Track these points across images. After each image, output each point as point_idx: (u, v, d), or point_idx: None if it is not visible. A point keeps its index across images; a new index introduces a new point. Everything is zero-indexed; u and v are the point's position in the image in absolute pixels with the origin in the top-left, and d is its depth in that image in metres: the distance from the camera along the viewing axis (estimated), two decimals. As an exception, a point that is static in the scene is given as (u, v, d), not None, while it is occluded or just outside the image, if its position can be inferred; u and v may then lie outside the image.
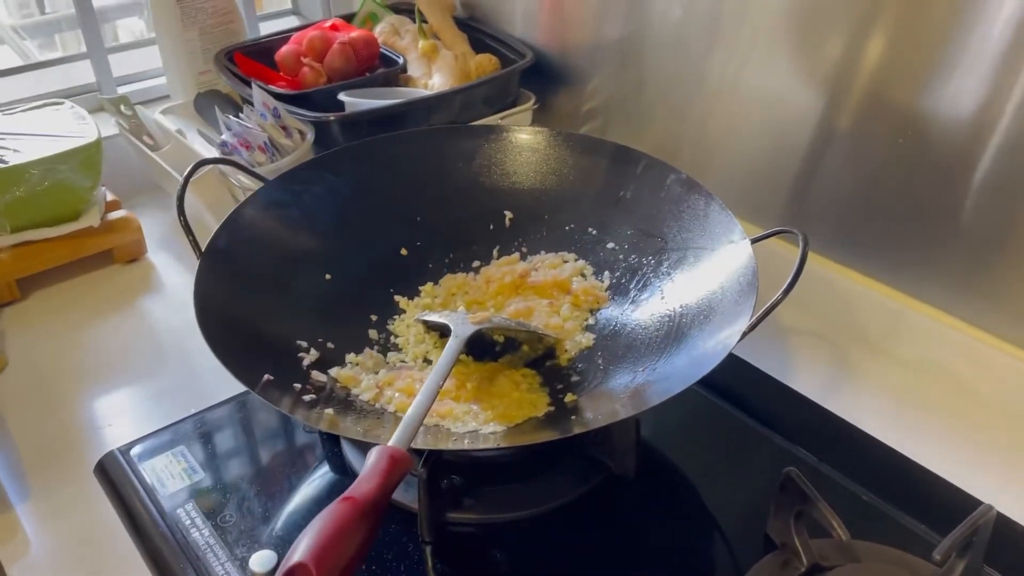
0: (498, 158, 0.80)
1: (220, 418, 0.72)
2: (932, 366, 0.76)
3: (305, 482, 0.66)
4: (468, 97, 0.97)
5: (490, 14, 1.13)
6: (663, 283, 0.70)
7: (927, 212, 0.74)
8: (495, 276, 0.75)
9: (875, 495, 0.63)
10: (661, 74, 0.93)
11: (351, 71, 1.01)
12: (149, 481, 0.65)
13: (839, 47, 0.75)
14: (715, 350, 0.57)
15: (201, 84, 1.07)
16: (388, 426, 0.61)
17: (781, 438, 0.69)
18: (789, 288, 0.58)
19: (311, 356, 0.66)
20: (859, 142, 0.77)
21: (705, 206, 0.70)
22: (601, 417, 0.59)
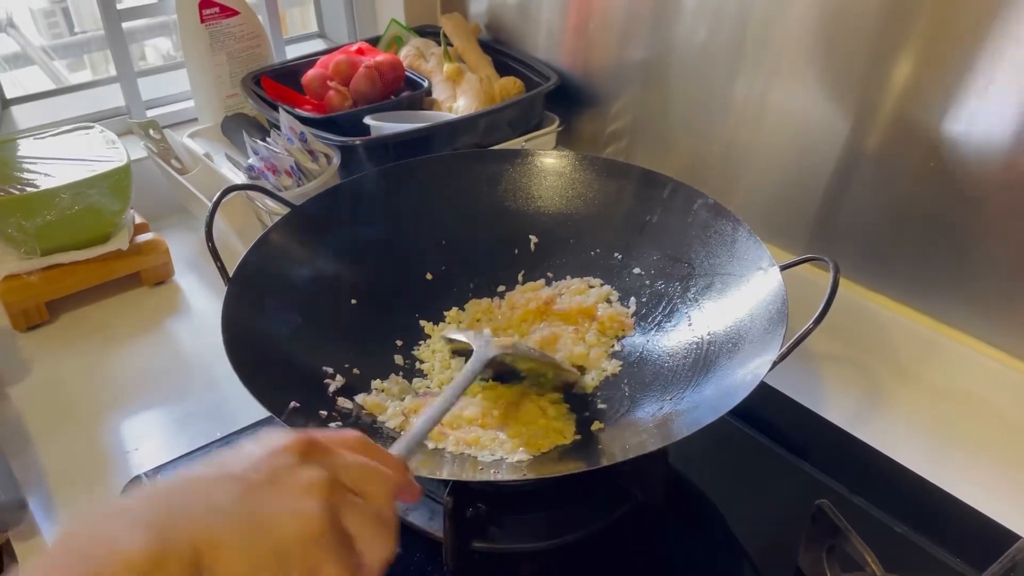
0: (523, 182, 0.80)
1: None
2: (966, 395, 0.75)
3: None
4: (493, 120, 0.98)
5: (514, 37, 1.13)
6: (690, 310, 0.70)
7: (959, 237, 0.73)
8: (520, 302, 0.75)
9: (908, 527, 0.62)
10: (686, 96, 0.93)
11: (377, 94, 1.01)
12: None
13: (866, 70, 0.75)
14: (745, 380, 0.56)
15: (228, 107, 1.08)
16: (416, 453, 0.60)
17: (811, 467, 0.68)
18: (820, 317, 0.57)
19: (337, 382, 0.65)
20: (887, 166, 0.76)
21: (733, 232, 0.70)
22: (629, 448, 0.58)
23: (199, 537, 0.35)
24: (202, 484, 0.37)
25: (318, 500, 0.38)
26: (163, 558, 0.34)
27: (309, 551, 0.37)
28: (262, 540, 0.37)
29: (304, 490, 0.38)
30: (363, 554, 0.39)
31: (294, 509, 0.38)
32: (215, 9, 1.03)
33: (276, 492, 0.38)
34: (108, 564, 0.33)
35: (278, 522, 0.37)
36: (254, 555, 0.36)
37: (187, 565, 0.34)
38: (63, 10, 2.11)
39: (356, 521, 0.39)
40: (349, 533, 0.39)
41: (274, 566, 0.37)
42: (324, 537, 0.38)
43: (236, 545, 0.36)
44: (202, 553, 0.35)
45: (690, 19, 0.89)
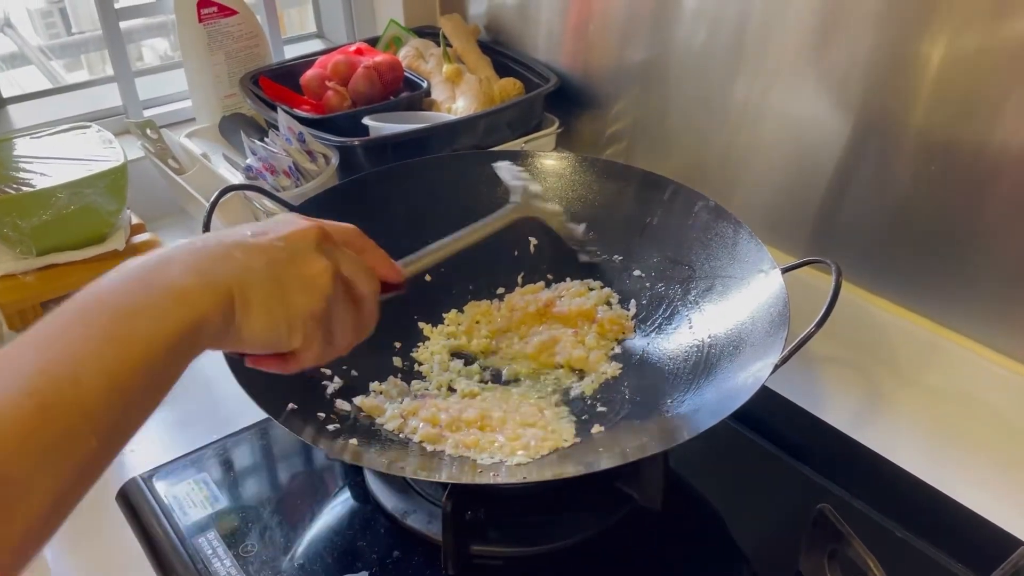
0: (523, 184, 0.80)
1: (242, 445, 0.71)
2: (966, 397, 0.74)
3: (326, 511, 0.65)
4: (492, 121, 0.97)
5: (514, 38, 1.13)
6: (691, 312, 0.69)
7: (958, 240, 0.73)
8: (519, 304, 0.75)
9: (910, 532, 0.61)
10: (685, 98, 0.93)
11: (375, 95, 1.01)
12: (171, 508, 0.65)
13: (865, 73, 0.75)
14: (746, 383, 0.56)
15: (226, 107, 1.08)
16: (413, 456, 0.60)
17: (811, 471, 0.67)
18: (822, 321, 0.57)
19: (335, 384, 0.65)
20: (887, 168, 0.76)
21: (734, 234, 0.69)
22: (629, 452, 0.57)
23: (234, 286, 0.43)
24: (237, 249, 0.45)
25: (326, 282, 0.47)
26: (206, 292, 0.42)
27: (309, 322, 0.47)
28: (280, 302, 0.45)
29: (316, 274, 0.47)
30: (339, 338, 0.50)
31: (308, 284, 0.47)
32: (213, 8, 1.03)
33: (294, 269, 0.46)
34: (166, 289, 0.41)
35: (293, 294, 0.46)
36: (273, 312, 0.45)
37: (222, 303, 0.43)
38: (60, 10, 2.11)
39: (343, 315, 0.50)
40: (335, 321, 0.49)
41: (283, 329, 0.46)
42: (323, 313, 0.48)
43: (261, 300, 0.44)
44: (235, 298, 0.43)
45: (690, 21, 0.89)
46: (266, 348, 0.47)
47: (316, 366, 0.51)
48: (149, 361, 0.39)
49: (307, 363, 0.49)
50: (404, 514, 0.63)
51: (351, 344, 0.52)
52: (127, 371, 0.38)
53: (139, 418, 0.40)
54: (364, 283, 0.52)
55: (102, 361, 0.38)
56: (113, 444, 0.39)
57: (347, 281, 0.50)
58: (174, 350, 0.40)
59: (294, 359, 0.49)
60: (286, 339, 0.47)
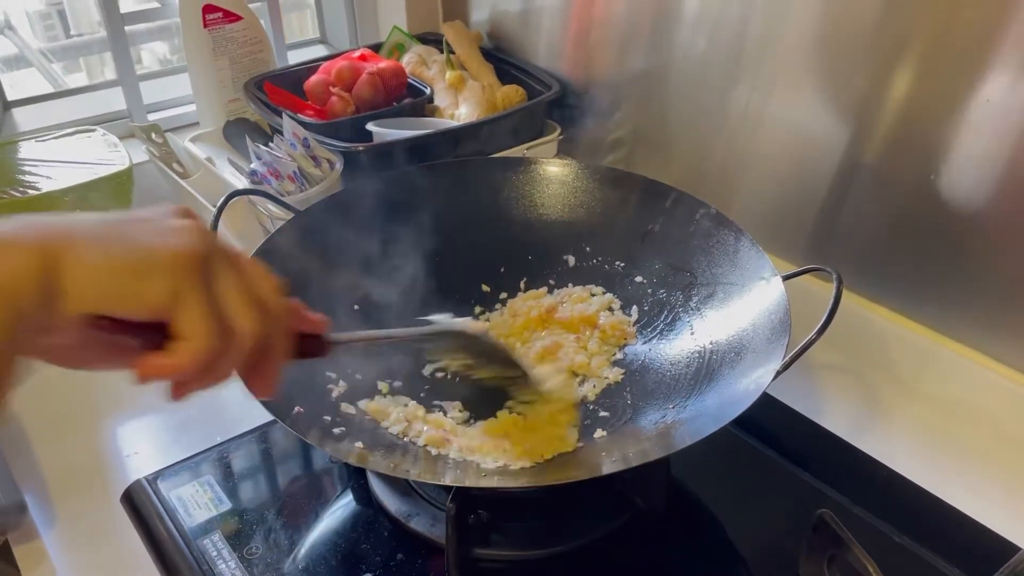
0: (526, 190, 0.81)
1: (246, 448, 0.72)
2: (964, 405, 0.75)
3: (330, 513, 0.66)
4: (495, 128, 0.98)
5: (516, 45, 1.13)
6: (692, 319, 0.70)
7: (957, 248, 0.74)
8: (521, 310, 0.75)
9: (908, 538, 0.62)
10: (685, 106, 0.93)
11: (379, 101, 1.02)
12: (175, 510, 0.65)
13: (864, 82, 0.75)
14: (748, 390, 0.57)
15: (230, 112, 1.08)
16: (417, 460, 0.61)
17: (811, 476, 0.68)
18: (823, 328, 0.58)
19: (340, 388, 0.66)
20: (886, 177, 0.77)
21: (735, 242, 0.70)
22: (632, 457, 0.58)
23: (51, 234, 0.34)
24: (55, 215, 0.36)
25: (193, 234, 0.37)
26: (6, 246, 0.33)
27: (174, 269, 0.35)
28: (124, 245, 0.35)
29: (179, 227, 0.37)
30: (231, 318, 0.37)
31: (166, 232, 0.36)
32: (218, 14, 1.04)
33: (147, 225, 0.37)
34: None
35: (145, 239, 0.36)
36: (113, 256, 0.34)
37: (34, 258, 0.33)
38: (59, 12, 2.11)
39: (228, 283, 0.38)
40: (217, 290, 0.37)
41: (133, 271, 0.35)
42: (194, 262, 0.36)
43: (94, 245, 0.34)
44: (53, 249, 0.33)
45: (690, 30, 0.89)
46: (116, 304, 0.35)
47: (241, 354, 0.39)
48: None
49: (202, 339, 0.36)
50: (407, 517, 0.63)
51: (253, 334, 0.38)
52: None
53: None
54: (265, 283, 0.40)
55: None
56: None
57: (236, 271, 0.38)
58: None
59: (181, 343, 0.36)
60: (142, 286, 0.35)
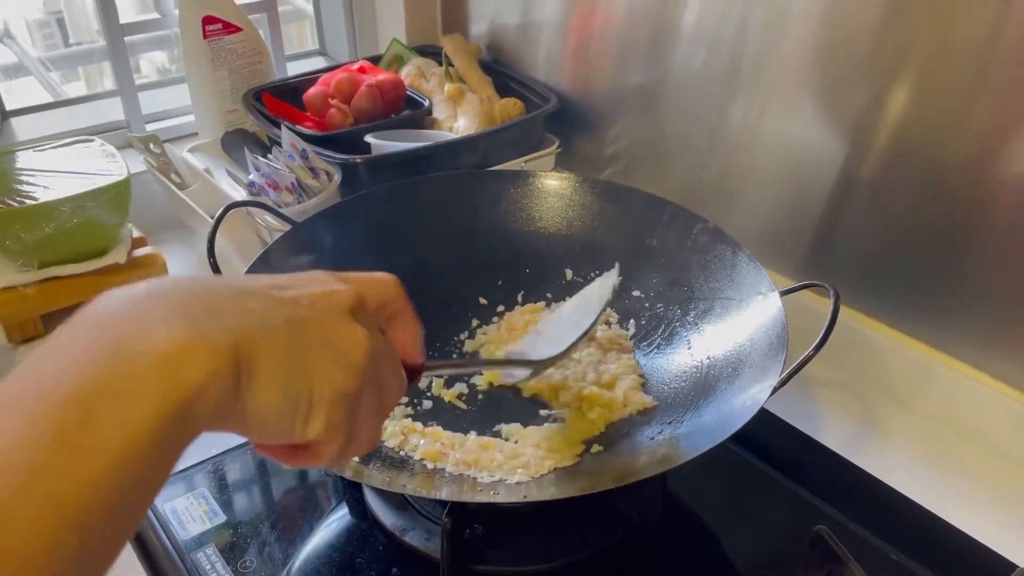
0: (524, 203, 0.81)
1: (240, 460, 0.71)
2: (960, 422, 0.75)
3: (325, 527, 0.66)
4: (493, 141, 0.98)
5: (514, 59, 1.14)
6: (690, 333, 0.70)
7: (956, 265, 0.74)
8: (518, 324, 0.75)
9: (904, 555, 0.62)
10: (683, 121, 0.94)
11: (377, 113, 1.02)
12: (169, 523, 0.65)
13: (861, 98, 0.75)
14: (745, 405, 0.57)
15: (229, 123, 1.08)
16: (413, 474, 0.60)
17: (807, 492, 0.68)
18: (820, 344, 0.58)
19: (336, 401, 0.65)
20: (883, 193, 0.77)
21: (732, 256, 0.70)
22: (629, 472, 0.58)
23: (241, 343, 0.31)
24: (248, 296, 0.33)
25: (359, 359, 0.36)
26: (202, 353, 0.29)
27: (334, 408, 0.35)
28: (302, 373, 0.33)
29: (351, 344, 0.36)
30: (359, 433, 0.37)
31: (336, 356, 0.35)
32: (218, 25, 1.04)
33: (323, 332, 0.35)
34: (146, 356, 0.28)
35: (319, 364, 0.34)
36: (290, 385, 0.33)
37: (225, 366, 0.30)
38: (58, 21, 2.11)
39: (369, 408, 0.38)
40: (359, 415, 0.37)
41: (304, 402, 0.34)
42: (353, 398, 0.36)
43: (276, 367, 0.32)
44: (240, 361, 0.31)
45: (688, 44, 0.90)
46: (277, 434, 0.34)
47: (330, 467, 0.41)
48: (119, 469, 0.27)
49: (324, 461, 0.37)
50: (403, 531, 0.63)
51: (372, 442, 0.40)
52: (86, 490, 0.26)
53: (113, 547, 0.29)
54: (393, 373, 0.40)
55: (48, 481, 0.26)
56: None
57: (381, 385, 0.39)
58: (158, 445, 0.28)
59: (308, 454, 0.37)
60: (303, 424, 0.34)
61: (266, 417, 0.33)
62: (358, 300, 0.37)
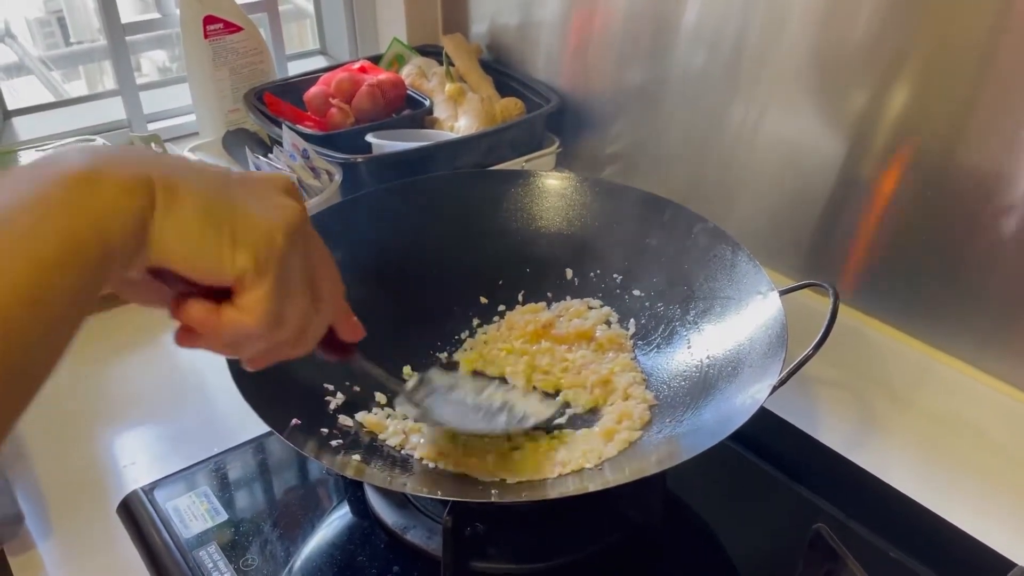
0: (525, 203, 0.81)
1: (242, 459, 0.72)
2: (958, 420, 0.75)
3: (326, 525, 0.66)
4: (494, 140, 0.98)
5: (515, 58, 1.14)
6: (690, 333, 0.70)
7: (954, 264, 0.74)
8: (518, 323, 0.75)
9: (904, 553, 0.62)
10: (682, 120, 0.94)
11: (378, 113, 1.02)
12: (172, 521, 0.65)
13: (861, 98, 0.76)
14: (744, 404, 0.57)
15: (230, 122, 1.09)
16: (414, 473, 0.61)
17: (807, 490, 0.68)
18: (820, 344, 0.58)
19: (337, 399, 0.66)
20: (882, 193, 0.77)
21: (732, 256, 0.70)
22: (628, 472, 0.58)
23: (156, 177, 0.33)
24: (169, 157, 0.35)
25: (294, 216, 0.37)
26: (111, 179, 0.31)
27: (265, 246, 0.35)
28: (224, 207, 0.34)
29: (282, 205, 0.37)
30: (287, 312, 0.38)
31: (268, 206, 0.36)
32: (219, 25, 1.04)
33: (250, 191, 0.36)
34: (55, 179, 0.31)
35: (246, 205, 0.35)
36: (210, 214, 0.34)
37: (136, 191, 0.32)
38: (59, 20, 2.12)
39: (299, 277, 0.39)
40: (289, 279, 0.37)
41: (224, 237, 0.34)
42: (284, 245, 0.36)
43: (195, 198, 0.33)
44: (155, 189, 0.32)
45: (687, 44, 0.90)
46: (202, 260, 0.34)
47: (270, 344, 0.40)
48: (32, 273, 0.29)
49: (252, 320, 0.37)
50: (404, 529, 0.63)
51: (306, 338, 0.41)
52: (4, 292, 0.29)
53: (36, 355, 0.31)
54: (330, 283, 0.42)
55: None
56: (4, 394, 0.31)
57: (312, 265, 0.40)
58: (70, 257, 0.30)
59: (235, 311, 0.36)
60: (230, 250, 0.34)
61: (188, 238, 0.33)
62: (294, 187, 0.39)
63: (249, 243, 0.35)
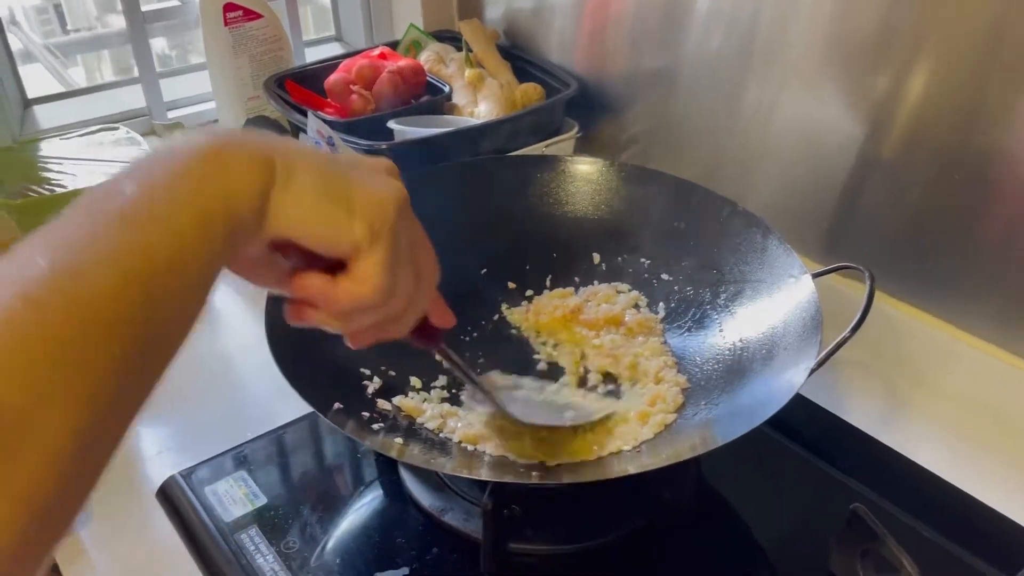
0: (552, 187, 0.81)
1: (276, 444, 0.72)
2: (984, 401, 0.76)
3: (363, 508, 0.67)
4: (516, 126, 0.99)
5: (531, 43, 1.14)
6: (721, 316, 0.71)
7: (975, 244, 0.74)
8: (546, 308, 0.76)
9: (937, 532, 0.63)
10: (700, 103, 0.94)
11: (399, 99, 1.02)
12: (212, 505, 0.66)
13: (878, 79, 0.75)
14: (781, 389, 0.57)
15: (250, 110, 1.09)
16: (453, 456, 0.61)
17: (838, 471, 0.69)
18: (857, 326, 0.59)
19: (374, 384, 0.66)
20: (902, 174, 0.77)
21: (763, 239, 0.71)
22: (665, 456, 0.59)
23: (277, 156, 0.35)
24: (284, 141, 0.38)
25: (400, 191, 0.39)
26: (237, 156, 0.34)
27: (379, 214, 0.38)
28: (339, 182, 0.37)
29: (388, 182, 0.40)
30: (400, 283, 0.40)
31: (376, 182, 0.39)
32: (239, 12, 1.04)
33: (359, 170, 0.39)
34: (187, 157, 0.34)
35: (357, 180, 0.38)
36: (328, 188, 0.36)
37: (259, 169, 0.34)
38: (55, 7, 2.10)
39: (407, 251, 0.41)
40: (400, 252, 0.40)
41: (342, 207, 0.37)
42: (396, 215, 0.38)
43: (311, 175, 0.36)
44: (276, 167, 0.35)
45: (703, 26, 0.90)
46: (322, 228, 0.37)
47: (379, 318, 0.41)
48: (172, 242, 0.31)
49: (368, 288, 0.38)
50: (441, 511, 0.64)
51: (411, 312, 0.44)
52: (141, 256, 0.30)
53: (174, 321, 0.32)
54: (430, 265, 0.45)
55: (110, 247, 0.30)
56: (146, 358, 0.32)
57: (415, 242, 0.42)
58: (202, 227, 0.32)
59: (350, 281, 0.38)
60: (345, 221, 0.37)
61: (307, 208, 0.36)
62: (396, 170, 0.42)
63: (364, 213, 0.37)
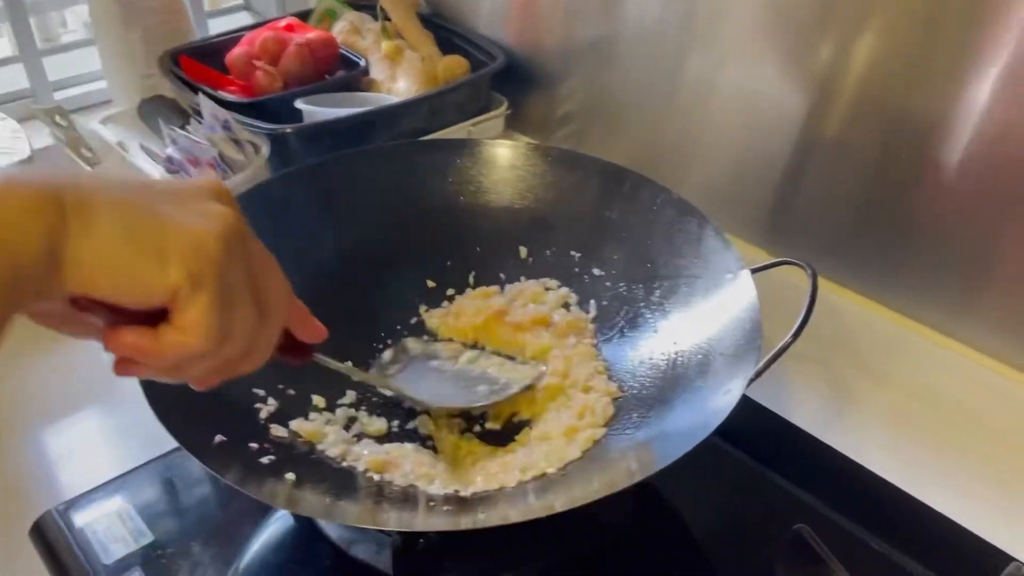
0: (472, 175, 0.75)
1: (169, 470, 0.65)
2: (932, 392, 0.72)
3: (265, 542, 0.60)
4: (437, 103, 0.91)
5: (457, 12, 1.07)
6: (655, 316, 0.65)
7: (924, 230, 0.71)
8: (469, 310, 0.69)
9: (885, 543, 0.59)
10: (638, 77, 0.89)
11: (308, 75, 0.94)
12: (91, 545, 0.58)
13: (823, 49, 0.72)
14: (720, 402, 0.52)
15: (146, 89, 0.99)
16: (358, 490, 0.55)
17: (783, 479, 0.64)
18: (799, 330, 0.54)
19: (269, 407, 0.59)
20: (846, 153, 0.73)
21: (699, 230, 0.65)
22: (598, 484, 0.52)
23: (67, 192, 0.30)
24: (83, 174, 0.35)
25: (226, 221, 0.34)
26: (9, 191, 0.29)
27: (196, 257, 0.33)
28: (146, 220, 0.32)
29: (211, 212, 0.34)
30: (233, 327, 0.35)
31: (195, 213, 0.34)
32: (128, -20, 0.94)
33: (176, 199, 0.34)
34: None
35: (172, 216, 0.33)
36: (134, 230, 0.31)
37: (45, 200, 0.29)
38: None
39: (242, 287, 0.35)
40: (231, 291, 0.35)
41: (150, 254, 0.32)
42: (219, 255, 0.33)
43: (114, 213, 0.31)
44: (67, 206, 0.30)
45: (641, -5, 0.84)
46: (130, 282, 0.32)
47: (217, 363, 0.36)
48: None
49: (193, 339, 0.33)
50: (349, 544, 0.58)
51: (256, 352, 0.38)
52: None
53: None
54: (277, 288, 0.38)
55: None
56: None
57: (254, 272, 0.36)
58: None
59: (172, 330, 0.33)
60: (156, 271, 0.32)
61: (109, 260, 0.31)
62: (223, 189, 0.37)
63: (179, 256, 0.32)
